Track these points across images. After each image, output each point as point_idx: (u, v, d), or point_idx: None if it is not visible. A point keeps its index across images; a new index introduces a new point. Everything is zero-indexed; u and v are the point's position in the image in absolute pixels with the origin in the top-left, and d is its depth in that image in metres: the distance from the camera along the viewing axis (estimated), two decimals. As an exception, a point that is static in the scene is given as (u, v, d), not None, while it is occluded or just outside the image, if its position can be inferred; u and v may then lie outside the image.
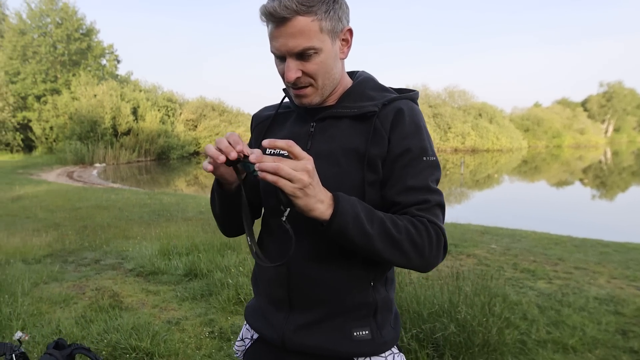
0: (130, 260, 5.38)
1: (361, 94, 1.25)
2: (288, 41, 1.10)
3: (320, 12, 1.10)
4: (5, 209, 9.32)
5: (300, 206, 0.98)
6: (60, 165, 25.22)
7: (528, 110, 63.84)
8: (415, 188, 1.14)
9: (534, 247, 6.64)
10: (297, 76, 1.14)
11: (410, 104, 1.24)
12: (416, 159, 1.17)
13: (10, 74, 31.03)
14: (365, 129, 1.19)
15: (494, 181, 23.23)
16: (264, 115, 1.39)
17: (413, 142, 1.17)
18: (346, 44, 1.21)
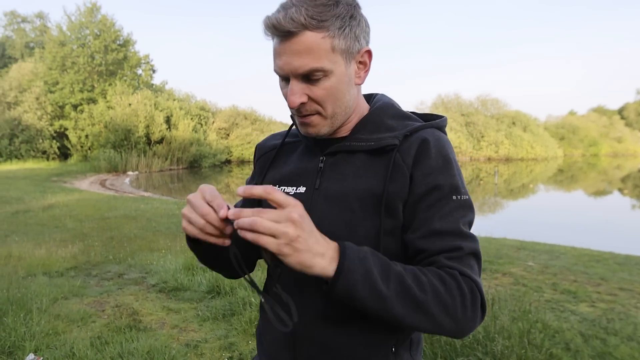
0: (154, 274, 5.26)
1: (379, 124, 1.06)
2: (293, 60, 0.92)
3: (333, 29, 0.92)
4: (36, 218, 9.40)
5: (292, 265, 0.80)
6: (93, 173, 25.66)
7: (563, 119, 62.37)
8: (444, 232, 0.94)
9: (574, 265, 6.28)
10: (302, 101, 0.96)
11: (437, 133, 1.04)
12: (445, 198, 0.97)
13: (49, 84, 31.82)
14: (383, 165, 1.00)
15: (529, 191, 22.62)
16: (268, 146, 1.21)
17: (441, 178, 0.98)
18: (364, 68, 1.02)
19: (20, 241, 7.14)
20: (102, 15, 32.29)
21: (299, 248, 0.78)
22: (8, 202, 11.76)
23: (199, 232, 0.86)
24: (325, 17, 0.91)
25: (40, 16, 45.66)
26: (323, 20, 0.91)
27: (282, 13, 0.90)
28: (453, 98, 52.26)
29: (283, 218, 0.77)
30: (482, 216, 14.77)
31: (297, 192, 1.06)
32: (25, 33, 45.04)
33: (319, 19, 0.90)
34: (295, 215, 0.78)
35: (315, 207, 1.01)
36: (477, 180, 27.38)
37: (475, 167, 37.42)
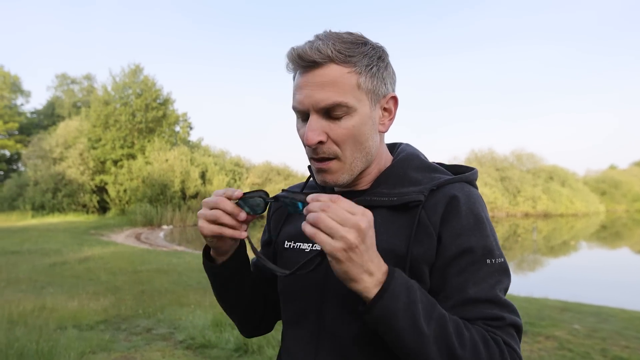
0: (182, 330, 5.18)
1: (402, 177, 0.97)
2: (315, 92, 0.86)
3: (360, 65, 0.87)
4: (72, 270, 9.51)
5: (338, 273, 0.76)
6: (130, 227, 26.10)
7: (603, 173, 60.86)
8: (480, 301, 0.85)
9: (625, 329, 5.89)
10: (320, 139, 0.88)
11: (467, 187, 0.95)
12: (478, 262, 0.87)
13: (93, 141, 33.04)
14: (407, 223, 0.91)
15: (571, 248, 21.82)
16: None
17: (473, 239, 0.88)
18: (389, 115, 0.96)
19: (55, 293, 7.21)
20: (145, 76, 33.73)
21: (353, 259, 0.74)
22: (47, 254, 11.99)
23: (214, 226, 0.86)
24: (353, 53, 0.87)
25: (88, 77, 48.00)
26: (350, 56, 0.87)
27: (307, 44, 0.87)
28: (487, 153, 51.80)
29: (350, 223, 0.73)
30: (521, 274, 14.26)
31: (314, 249, 0.99)
32: (73, 93, 47.29)
33: (346, 53, 0.86)
34: (363, 224, 0.73)
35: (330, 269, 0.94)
36: (514, 236, 26.66)
37: (512, 223, 36.54)
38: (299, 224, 0.99)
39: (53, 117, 43.92)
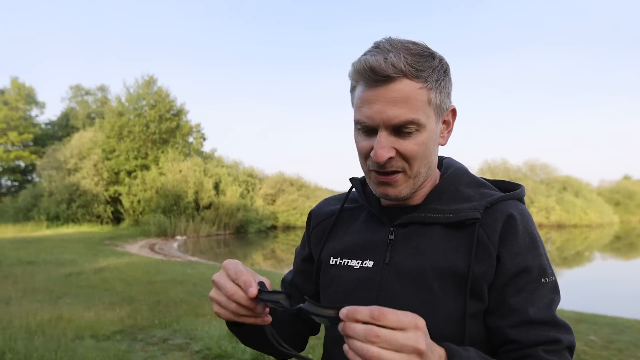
0: (199, 340, 5.23)
1: (454, 193, 0.97)
2: (387, 108, 0.84)
3: (430, 80, 0.86)
4: (87, 281, 9.61)
5: None
6: (144, 237, 26.24)
7: (617, 183, 59.99)
8: (538, 322, 0.86)
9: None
10: (390, 156, 0.86)
11: (520, 206, 0.96)
12: (534, 281, 0.89)
13: (107, 152, 33.33)
14: (464, 241, 0.91)
15: (585, 259, 21.59)
16: (325, 212, 1.11)
17: (529, 258, 0.90)
18: (447, 128, 0.96)
19: (71, 303, 7.28)
20: (158, 87, 34.02)
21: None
22: (62, 265, 12.11)
23: (232, 315, 0.81)
24: (423, 67, 0.85)
25: (102, 89, 48.50)
26: (422, 70, 0.85)
27: (380, 56, 0.83)
28: (500, 163, 51.51)
29: (408, 348, 0.63)
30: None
31: (363, 266, 0.96)
32: (87, 104, 47.79)
33: (417, 67, 0.84)
34: (421, 343, 0.64)
35: (387, 285, 0.92)
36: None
37: (526, 234, 36.12)
38: (345, 240, 1.01)
39: (67, 128, 44.39)
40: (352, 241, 1.01)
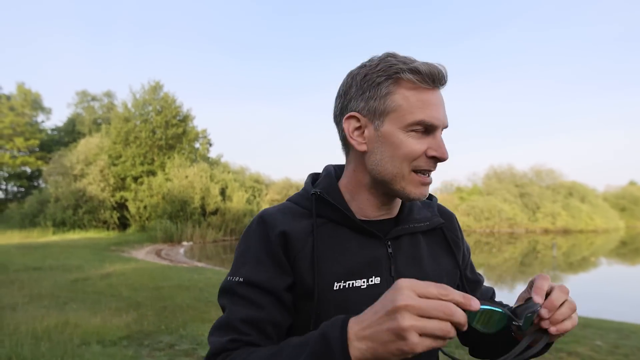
0: (205, 346, 5.21)
1: (413, 202, 1.08)
2: (444, 111, 0.95)
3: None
4: (94, 287, 9.62)
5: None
6: (150, 243, 26.29)
7: (623, 189, 59.74)
8: (483, 282, 1.20)
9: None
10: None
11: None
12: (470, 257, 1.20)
13: (113, 157, 33.47)
14: (440, 244, 1.08)
15: (591, 264, 21.48)
16: (299, 230, 0.97)
17: (466, 242, 1.18)
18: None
19: (78, 309, 7.29)
20: (165, 93, 34.15)
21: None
22: (69, 270, 12.14)
23: (436, 342, 0.67)
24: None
25: (108, 95, 48.79)
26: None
27: (438, 65, 0.93)
28: (506, 169, 51.50)
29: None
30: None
31: (370, 284, 0.95)
32: (94, 110, 48.07)
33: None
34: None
35: None
36: (534, 253, 26.34)
37: (532, 239, 36.06)
38: (343, 260, 0.96)
39: (74, 134, 44.61)
40: (352, 260, 0.96)
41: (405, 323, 0.65)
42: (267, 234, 0.96)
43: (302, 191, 1.07)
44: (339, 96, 1.01)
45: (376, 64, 0.95)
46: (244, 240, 1.01)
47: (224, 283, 0.98)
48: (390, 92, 0.92)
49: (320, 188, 1.02)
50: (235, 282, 0.95)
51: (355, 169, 1.01)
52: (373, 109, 0.94)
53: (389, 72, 0.92)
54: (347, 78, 1.00)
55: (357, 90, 0.96)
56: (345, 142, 1.02)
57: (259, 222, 1.00)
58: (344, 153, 1.06)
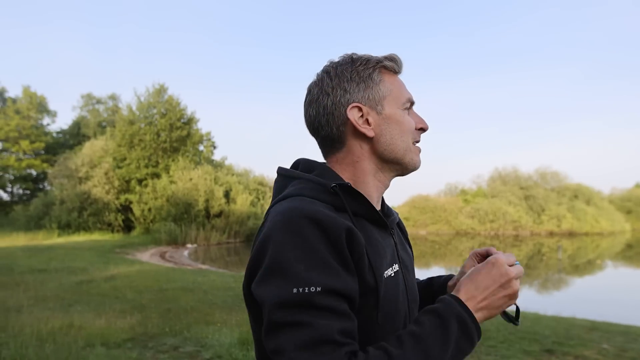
0: (209, 348, 5.21)
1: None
2: None
3: None
4: (98, 289, 9.64)
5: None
6: (154, 245, 26.34)
7: (629, 191, 59.38)
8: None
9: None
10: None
11: None
12: None
13: (118, 160, 33.57)
14: (400, 234, 1.20)
15: (596, 267, 21.42)
16: (353, 227, 0.93)
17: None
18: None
19: (82, 311, 7.30)
20: (169, 96, 34.23)
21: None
22: (74, 272, 12.17)
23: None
24: None
25: (113, 97, 48.93)
26: None
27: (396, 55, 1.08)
28: (511, 171, 51.39)
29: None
30: (547, 294, 14.02)
31: (395, 270, 1.03)
32: (98, 113, 48.20)
33: None
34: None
35: (407, 282, 1.08)
36: (539, 255, 26.25)
37: (537, 242, 35.96)
38: (379, 250, 0.98)
39: (79, 137, 44.77)
40: (383, 251, 1.00)
41: (517, 287, 0.95)
42: (329, 235, 0.88)
43: (310, 184, 0.99)
44: (324, 94, 1.03)
45: (353, 60, 1.04)
46: (293, 245, 0.87)
47: (290, 296, 0.84)
48: (382, 80, 1.04)
49: (340, 181, 0.99)
50: (311, 292, 0.84)
51: (358, 159, 1.04)
52: (372, 97, 1.03)
53: (373, 63, 1.04)
54: (326, 78, 1.05)
55: (350, 84, 1.02)
56: (341, 136, 1.04)
57: (312, 222, 0.88)
58: (335, 149, 1.06)
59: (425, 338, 0.85)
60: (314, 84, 1.06)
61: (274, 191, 1.08)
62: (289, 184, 1.03)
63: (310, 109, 1.06)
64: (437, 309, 0.89)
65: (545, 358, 5.08)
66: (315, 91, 1.05)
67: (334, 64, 1.05)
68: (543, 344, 5.57)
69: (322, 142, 1.08)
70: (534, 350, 5.28)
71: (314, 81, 1.07)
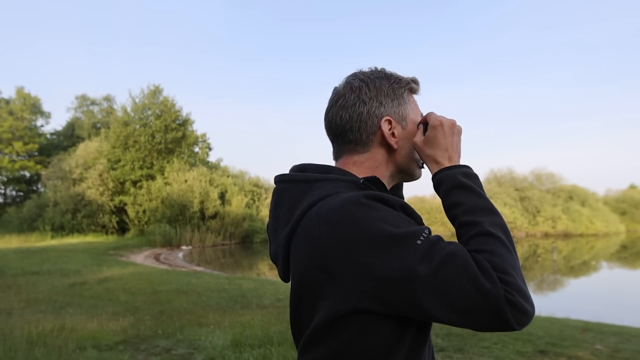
0: (202, 350, 5.18)
1: None
2: None
3: None
4: (91, 291, 9.58)
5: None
6: (149, 247, 26.25)
7: (623, 193, 59.72)
8: None
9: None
10: None
11: None
12: None
13: (112, 162, 33.46)
14: None
15: (591, 268, 21.51)
16: (402, 201, 1.04)
17: None
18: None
19: (74, 313, 7.25)
20: (164, 97, 34.17)
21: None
22: (67, 275, 12.10)
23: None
24: None
25: (107, 99, 48.74)
26: None
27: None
28: (506, 172, 51.50)
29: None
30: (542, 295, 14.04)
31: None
32: (93, 114, 48.01)
33: None
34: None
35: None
36: (534, 256, 26.31)
37: (532, 243, 36.08)
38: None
39: (73, 138, 44.57)
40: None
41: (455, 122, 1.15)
42: (394, 206, 0.96)
43: (342, 184, 1.03)
44: (361, 102, 1.10)
45: (387, 76, 1.14)
46: (377, 218, 0.90)
47: (420, 247, 0.87)
48: (409, 100, 1.16)
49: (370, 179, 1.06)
50: (428, 235, 0.90)
51: (378, 165, 1.12)
52: (401, 113, 1.14)
53: (404, 83, 1.15)
54: (364, 88, 1.11)
55: (386, 98, 1.12)
56: (368, 142, 1.11)
57: (376, 199, 0.94)
58: (357, 152, 1.12)
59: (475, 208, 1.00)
60: (349, 90, 1.11)
61: (289, 198, 1.06)
62: (310, 188, 1.03)
63: (342, 112, 1.11)
64: (457, 184, 1.05)
65: (538, 359, 5.06)
66: (352, 97, 1.11)
67: (370, 76, 1.13)
68: (537, 345, 5.55)
69: (344, 144, 1.13)
70: (527, 351, 5.26)
71: (349, 87, 1.12)
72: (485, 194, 1.04)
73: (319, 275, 0.91)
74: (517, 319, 0.84)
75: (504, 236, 0.94)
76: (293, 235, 0.98)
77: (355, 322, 0.90)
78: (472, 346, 5.35)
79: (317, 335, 0.94)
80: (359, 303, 0.88)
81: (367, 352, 0.91)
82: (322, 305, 0.92)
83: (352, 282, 0.87)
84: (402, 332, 0.92)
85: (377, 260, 0.86)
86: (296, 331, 1.03)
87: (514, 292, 0.84)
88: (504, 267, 0.87)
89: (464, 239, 0.96)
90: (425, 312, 0.86)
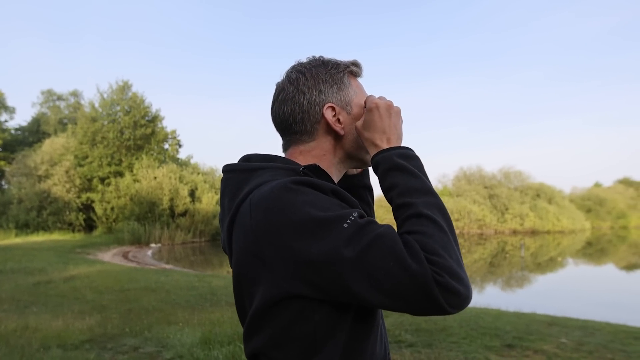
0: (170, 348, 5.12)
1: None
2: None
3: None
4: (56, 290, 9.37)
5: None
6: (117, 245, 25.82)
7: (588, 191, 61.27)
8: None
9: (611, 342, 5.90)
10: None
11: None
12: None
13: (79, 158, 32.80)
14: None
15: (558, 264, 21.99)
16: (334, 186, 1.08)
17: None
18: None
19: (39, 312, 7.09)
20: (133, 93, 33.63)
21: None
22: (31, 273, 11.81)
23: None
24: None
25: (74, 94, 47.65)
26: None
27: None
28: (475, 171, 52.24)
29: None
30: (510, 290, 14.32)
31: None
32: (59, 110, 46.91)
33: None
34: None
35: None
36: (502, 253, 26.79)
37: (500, 240, 36.73)
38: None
39: (38, 134, 43.48)
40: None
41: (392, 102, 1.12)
42: (324, 191, 0.94)
43: (281, 171, 1.02)
44: (300, 93, 1.10)
45: (324, 63, 1.13)
46: (304, 202, 0.89)
47: (347, 230, 0.86)
48: (350, 84, 1.14)
49: (309, 167, 1.04)
50: (355, 218, 0.88)
51: (325, 152, 1.11)
52: (343, 98, 1.12)
53: (343, 67, 1.13)
54: (302, 78, 1.10)
55: (324, 85, 1.10)
56: (313, 132, 1.11)
57: (305, 184, 0.93)
58: (302, 142, 1.12)
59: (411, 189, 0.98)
60: (288, 83, 1.11)
61: (231, 187, 1.05)
62: (251, 176, 1.03)
63: (284, 106, 1.11)
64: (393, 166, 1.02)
65: (505, 353, 5.16)
66: (291, 90, 1.10)
67: (307, 65, 1.12)
68: (504, 339, 5.65)
69: (290, 135, 1.13)
70: (494, 346, 5.36)
71: (288, 80, 1.11)
72: (425, 175, 1.02)
73: (253, 262, 0.91)
74: (449, 301, 0.82)
75: (441, 217, 0.92)
76: (234, 223, 0.98)
77: (288, 307, 0.89)
78: (440, 341, 5.42)
79: (255, 323, 0.93)
80: (291, 288, 0.87)
81: (302, 339, 0.90)
82: (257, 291, 0.91)
83: (282, 266, 0.87)
84: (339, 319, 0.91)
85: (303, 244, 0.85)
86: (242, 321, 1.01)
87: (443, 273, 0.82)
88: (434, 247, 0.85)
89: (399, 221, 0.95)
90: (357, 295, 0.85)
